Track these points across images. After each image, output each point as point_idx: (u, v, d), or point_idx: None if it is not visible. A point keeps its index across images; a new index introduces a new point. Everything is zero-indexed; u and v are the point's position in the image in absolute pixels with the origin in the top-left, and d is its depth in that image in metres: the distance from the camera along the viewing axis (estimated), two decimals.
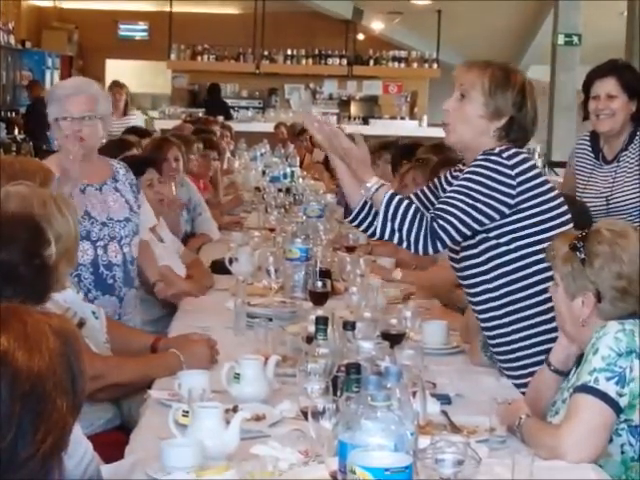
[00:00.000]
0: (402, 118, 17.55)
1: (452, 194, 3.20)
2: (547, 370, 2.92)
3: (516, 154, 3.26)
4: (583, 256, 2.73)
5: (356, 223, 3.40)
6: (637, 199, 4.47)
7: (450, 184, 3.42)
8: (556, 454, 2.53)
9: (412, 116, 17.70)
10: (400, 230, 3.15)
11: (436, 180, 3.58)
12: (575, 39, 12.96)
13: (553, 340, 3.07)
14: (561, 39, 12.97)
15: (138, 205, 4.25)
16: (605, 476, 2.53)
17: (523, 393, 3.16)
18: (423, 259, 5.35)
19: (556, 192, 3.35)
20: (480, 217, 3.19)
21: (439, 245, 3.16)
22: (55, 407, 1.30)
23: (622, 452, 2.66)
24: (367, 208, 3.34)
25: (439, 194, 3.45)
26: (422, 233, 3.13)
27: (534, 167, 3.32)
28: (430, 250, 3.16)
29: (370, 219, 3.35)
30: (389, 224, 3.17)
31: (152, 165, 4.94)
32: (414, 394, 2.57)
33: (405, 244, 3.17)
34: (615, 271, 2.71)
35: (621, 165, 4.54)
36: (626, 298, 2.72)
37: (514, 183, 3.21)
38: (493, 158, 3.22)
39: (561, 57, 13.22)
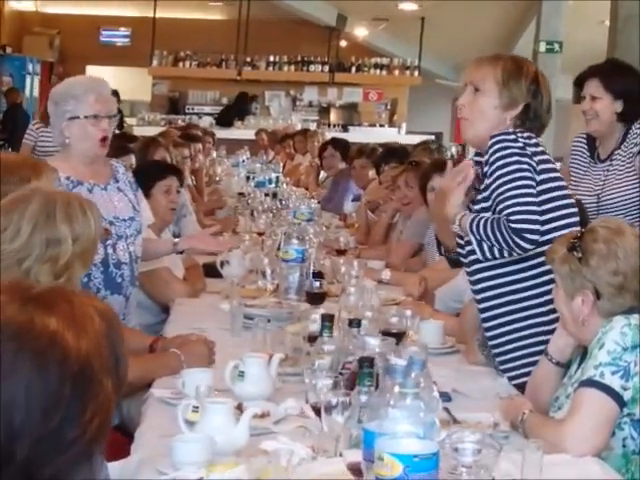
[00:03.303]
0: (382, 125, 17.59)
1: (501, 189, 3.24)
2: (546, 362, 2.96)
3: (529, 137, 3.30)
4: (580, 255, 2.77)
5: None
6: (627, 197, 4.51)
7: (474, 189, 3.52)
8: (560, 448, 2.55)
9: (391, 124, 17.75)
10: (493, 244, 3.22)
11: None
12: (556, 46, 13.04)
13: (551, 333, 3.11)
14: (542, 46, 13.05)
15: (137, 203, 4.26)
16: (609, 470, 2.56)
17: (518, 388, 3.19)
18: (413, 263, 5.39)
19: (567, 191, 3.39)
20: (534, 191, 3.23)
21: (530, 236, 3.17)
22: (102, 388, 1.30)
23: (624, 446, 2.69)
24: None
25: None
26: (507, 236, 3.18)
27: (546, 153, 3.35)
28: (526, 246, 3.17)
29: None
30: (484, 244, 3.25)
31: (175, 173, 4.96)
32: None
33: (507, 252, 3.22)
34: (611, 268, 2.75)
35: (613, 164, 4.58)
36: (623, 294, 2.76)
37: (535, 160, 3.27)
38: (506, 137, 3.27)
39: (542, 65, 13.23)
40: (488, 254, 3.26)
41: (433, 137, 14.83)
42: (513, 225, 3.16)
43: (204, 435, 2.44)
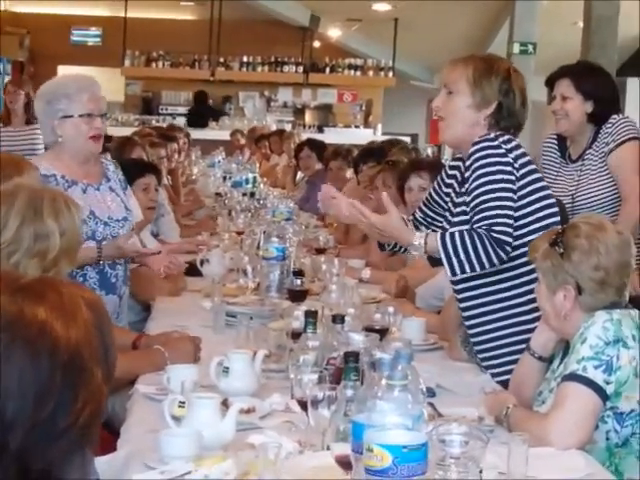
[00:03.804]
0: (357, 127, 17.61)
1: (481, 198, 3.22)
2: (529, 357, 2.98)
3: (510, 140, 3.32)
4: (562, 250, 2.80)
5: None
6: (601, 196, 4.56)
7: (447, 185, 3.54)
8: (544, 442, 2.58)
9: (367, 125, 17.76)
10: (468, 259, 3.16)
11: (436, 182, 3.68)
12: (530, 48, 13.09)
13: (532, 331, 3.14)
14: (516, 48, 13.09)
15: (128, 201, 4.26)
16: (594, 463, 2.58)
17: (501, 385, 3.21)
18: (393, 262, 5.41)
19: (549, 192, 3.41)
20: (514, 204, 3.25)
21: (507, 248, 3.18)
22: (92, 377, 1.32)
23: (607, 439, 2.73)
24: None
25: (442, 194, 3.57)
26: (488, 247, 3.15)
27: (527, 154, 3.37)
28: (503, 257, 3.18)
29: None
30: (455, 260, 3.17)
31: (154, 172, 4.95)
32: None
33: (479, 267, 3.18)
34: (593, 263, 2.78)
35: (585, 164, 4.63)
36: (605, 289, 2.79)
37: (517, 166, 3.29)
38: (489, 144, 3.28)
39: (516, 66, 13.30)
40: (457, 270, 3.19)
41: (409, 138, 14.89)
42: (496, 235, 3.16)
43: (191, 429, 2.45)
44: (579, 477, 2.46)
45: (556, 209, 3.38)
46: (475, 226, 3.20)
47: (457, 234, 3.18)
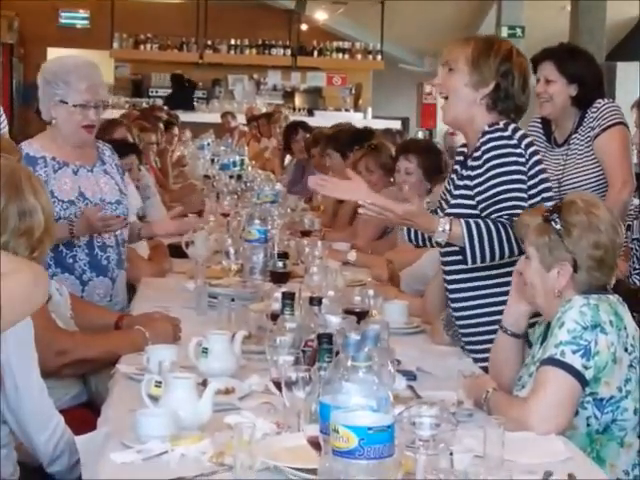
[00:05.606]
0: (347, 110, 17.57)
1: (499, 188, 3.22)
2: (503, 335, 2.97)
3: (517, 129, 3.33)
4: (559, 227, 2.78)
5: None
6: (588, 181, 4.56)
7: (453, 171, 3.53)
8: (524, 426, 2.57)
9: (357, 108, 17.72)
10: (491, 248, 3.17)
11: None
12: (519, 31, 13.09)
13: None
14: (505, 32, 13.08)
15: (125, 187, 4.26)
16: (573, 447, 2.58)
17: (484, 370, 3.22)
18: (380, 245, 5.41)
19: (550, 184, 3.40)
20: (526, 195, 3.25)
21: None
22: None
23: (587, 425, 2.71)
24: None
25: (449, 180, 3.55)
26: (511, 237, 3.16)
27: (533, 144, 3.37)
28: (521, 247, 3.12)
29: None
30: (477, 248, 3.18)
31: (135, 152, 4.94)
32: None
33: (499, 257, 3.19)
34: (593, 240, 2.76)
35: (571, 148, 4.62)
36: (602, 268, 2.78)
37: (527, 157, 3.29)
38: (502, 134, 3.28)
39: None
40: (478, 259, 3.20)
41: (399, 122, 14.88)
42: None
43: (167, 409, 2.46)
44: (558, 461, 2.44)
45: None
46: (494, 216, 3.21)
47: (482, 223, 3.19)
